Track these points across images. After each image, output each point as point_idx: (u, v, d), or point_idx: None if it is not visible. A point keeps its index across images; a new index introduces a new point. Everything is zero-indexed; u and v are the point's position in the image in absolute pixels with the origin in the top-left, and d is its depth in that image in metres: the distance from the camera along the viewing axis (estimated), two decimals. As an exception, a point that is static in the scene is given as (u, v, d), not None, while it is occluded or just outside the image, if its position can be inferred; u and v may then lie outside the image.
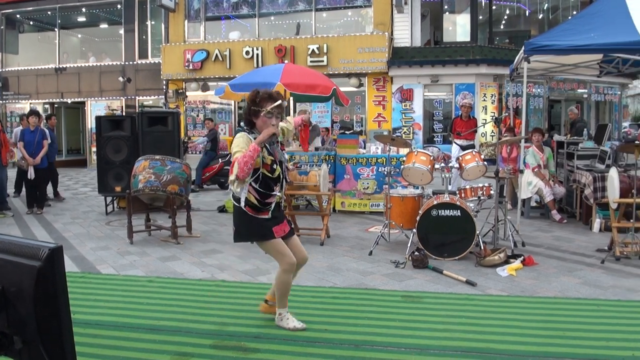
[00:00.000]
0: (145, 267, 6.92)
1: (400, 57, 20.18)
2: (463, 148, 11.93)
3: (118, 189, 10.78)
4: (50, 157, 12.90)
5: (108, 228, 9.57)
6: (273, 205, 4.48)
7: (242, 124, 16.60)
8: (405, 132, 20.19)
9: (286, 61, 17.95)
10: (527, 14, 23.58)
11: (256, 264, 6.98)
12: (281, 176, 4.51)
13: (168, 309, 5.21)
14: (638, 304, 5.36)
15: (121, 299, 5.56)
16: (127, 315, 5.04)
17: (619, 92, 23.74)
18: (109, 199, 11.30)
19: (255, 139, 4.33)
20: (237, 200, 4.46)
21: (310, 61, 20.17)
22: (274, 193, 4.44)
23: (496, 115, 18.91)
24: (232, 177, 4.24)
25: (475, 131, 12.52)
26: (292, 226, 4.75)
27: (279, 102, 4.37)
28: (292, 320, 4.63)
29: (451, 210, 7.02)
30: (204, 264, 7.01)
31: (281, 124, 4.84)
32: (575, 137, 11.31)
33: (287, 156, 4.71)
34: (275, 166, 4.40)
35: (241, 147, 4.28)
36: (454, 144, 12.74)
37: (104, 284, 6.17)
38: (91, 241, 8.51)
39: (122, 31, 24.07)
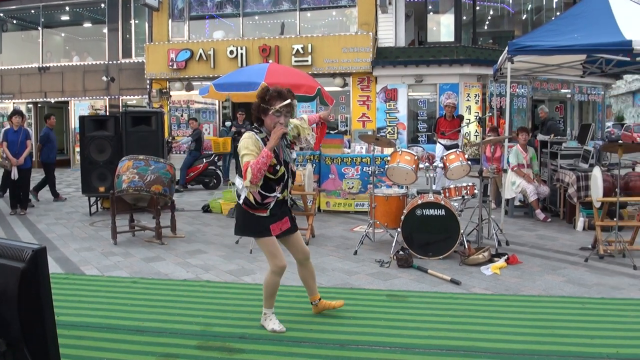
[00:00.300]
0: (130, 267, 6.89)
1: (384, 57, 20.23)
2: (447, 148, 11.97)
3: (102, 189, 10.71)
4: (51, 157, 12.96)
5: (92, 229, 9.51)
6: (272, 204, 4.46)
7: (226, 123, 16.55)
8: (389, 131, 20.25)
9: (270, 61, 17.94)
10: (510, 14, 23.73)
11: (241, 264, 6.97)
12: (285, 176, 4.48)
13: (152, 310, 5.19)
14: (622, 302, 5.40)
15: (105, 300, 5.52)
16: (111, 316, 5.01)
17: (602, 92, 23.94)
18: (92, 199, 11.22)
19: (262, 139, 4.34)
20: (238, 196, 4.49)
21: (295, 61, 20.18)
22: (273, 194, 4.43)
23: (480, 115, 19.04)
24: (246, 183, 4.25)
25: (459, 131, 12.57)
26: (295, 222, 4.74)
27: (288, 101, 4.34)
28: (273, 322, 4.62)
29: (435, 210, 7.04)
30: (188, 265, 6.99)
31: (295, 121, 4.80)
32: (559, 137, 11.37)
33: (294, 155, 4.67)
34: (278, 167, 4.37)
35: (250, 149, 4.27)
36: (437, 144, 12.76)
37: (88, 285, 6.13)
38: (75, 242, 8.46)
39: (105, 30, 23.93)
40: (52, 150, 13.08)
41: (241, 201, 4.44)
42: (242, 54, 20.83)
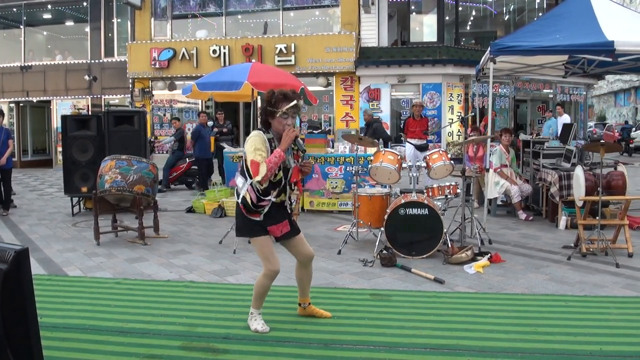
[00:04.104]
0: (113, 268, 6.84)
1: (367, 57, 20.27)
2: (417, 147, 12.10)
3: (84, 189, 10.62)
4: (203, 153, 14.12)
5: (75, 229, 9.44)
6: (266, 209, 4.43)
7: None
8: (373, 131, 20.24)
9: (253, 60, 17.92)
10: (493, 15, 23.85)
11: (224, 264, 6.95)
12: (283, 181, 4.43)
13: (136, 311, 5.16)
14: (604, 299, 5.44)
15: (89, 302, 5.48)
16: (95, 317, 4.98)
17: (585, 93, 24.14)
18: (75, 199, 11.14)
19: (269, 139, 4.34)
20: (237, 195, 4.49)
21: (278, 60, 20.17)
22: (268, 198, 4.39)
23: (462, 115, 19.14)
24: (258, 179, 4.24)
25: (427, 131, 12.69)
26: (295, 226, 4.76)
27: (295, 102, 4.34)
28: (257, 323, 4.60)
29: (419, 209, 7.05)
30: (172, 265, 6.96)
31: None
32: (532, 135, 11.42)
33: (293, 165, 4.63)
34: (277, 171, 4.35)
35: (258, 146, 4.27)
36: (407, 144, 12.78)
37: (71, 287, 6.09)
38: (58, 243, 8.40)
39: (88, 29, 23.78)
40: (204, 146, 14.01)
41: (239, 200, 4.44)
42: (225, 54, 20.80)
